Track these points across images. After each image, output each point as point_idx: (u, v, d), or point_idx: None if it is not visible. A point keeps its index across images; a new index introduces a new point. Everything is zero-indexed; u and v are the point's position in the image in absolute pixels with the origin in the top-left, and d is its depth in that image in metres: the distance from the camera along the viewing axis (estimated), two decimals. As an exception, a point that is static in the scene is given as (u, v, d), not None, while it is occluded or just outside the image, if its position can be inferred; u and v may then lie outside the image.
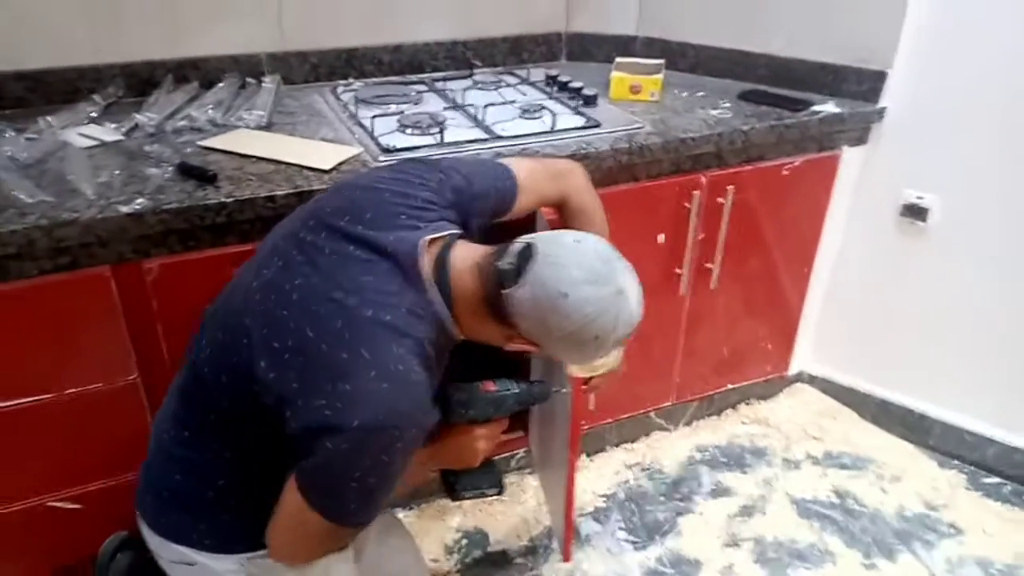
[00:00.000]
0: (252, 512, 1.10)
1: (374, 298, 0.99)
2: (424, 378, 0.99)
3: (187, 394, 1.12)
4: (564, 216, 1.32)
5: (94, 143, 1.50)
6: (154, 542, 1.17)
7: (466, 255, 1.06)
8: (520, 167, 1.25)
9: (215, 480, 1.10)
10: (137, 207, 1.26)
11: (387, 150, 1.51)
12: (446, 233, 1.08)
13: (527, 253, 0.99)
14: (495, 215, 1.22)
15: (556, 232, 1.07)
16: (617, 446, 2.07)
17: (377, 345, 0.96)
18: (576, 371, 1.22)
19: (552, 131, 1.63)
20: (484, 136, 1.60)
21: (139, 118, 1.58)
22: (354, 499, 1.00)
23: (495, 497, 1.37)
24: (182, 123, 1.60)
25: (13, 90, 1.66)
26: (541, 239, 1.02)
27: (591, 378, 1.35)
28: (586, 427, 1.92)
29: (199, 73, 1.80)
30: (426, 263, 1.03)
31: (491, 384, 1.23)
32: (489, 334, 1.07)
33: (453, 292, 1.04)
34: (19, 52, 1.64)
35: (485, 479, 1.32)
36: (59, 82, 1.69)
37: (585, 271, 0.98)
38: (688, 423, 2.16)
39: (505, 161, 1.26)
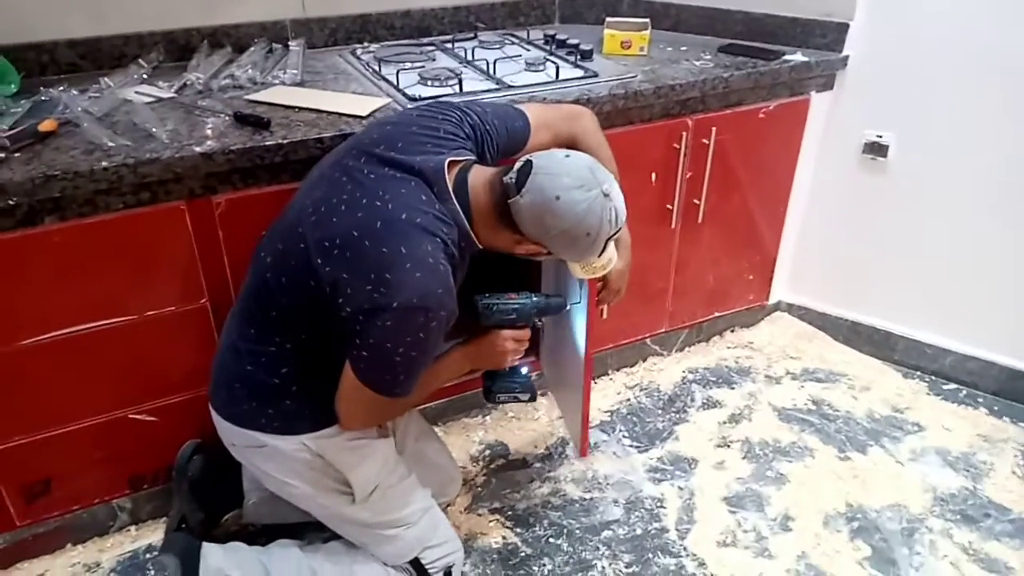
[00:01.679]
0: (311, 396, 1.31)
1: (408, 203, 1.19)
2: (448, 270, 1.20)
3: (252, 296, 1.31)
4: None
5: (151, 99, 1.68)
6: (228, 432, 1.37)
7: (481, 175, 1.27)
8: (533, 111, 1.46)
9: (279, 369, 1.30)
10: (208, 147, 1.45)
11: (413, 99, 1.70)
12: (465, 158, 1.29)
13: (527, 168, 1.20)
14: (509, 151, 1.41)
15: (551, 150, 1.27)
16: (618, 370, 2.30)
17: (412, 242, 1.17)
18: (579, 271, 1.41)
19: (556, 80, 1.84)
20: (496, 86, 1.79)
21: (188, 77, 1.76)
22: (400, 371, 1.21)
23: (527, 403, 1.54)
24: (225, 81, 1.78)
25: (66, 56, 1.83)
26: (538, 156, 1.23)
27: (604, 286, 1.56)
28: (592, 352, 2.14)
29: (231, 39, 1.98)
30: (449, 180, 1.24)
31: (514, 294, 1.45)
32: (502, 241, 1.28)
33: (471, 206, 1.25)
34: (69, 22, 1.81)
35: (519, 384, 1.53)
36: (108, 48, 1.86)
37: (574, 178, 1.18)
38: (680, 349, 2.39)
39: (520, 105, 1.47)
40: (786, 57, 2.05)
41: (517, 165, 1.22)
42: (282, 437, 1.34)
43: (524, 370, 1.54)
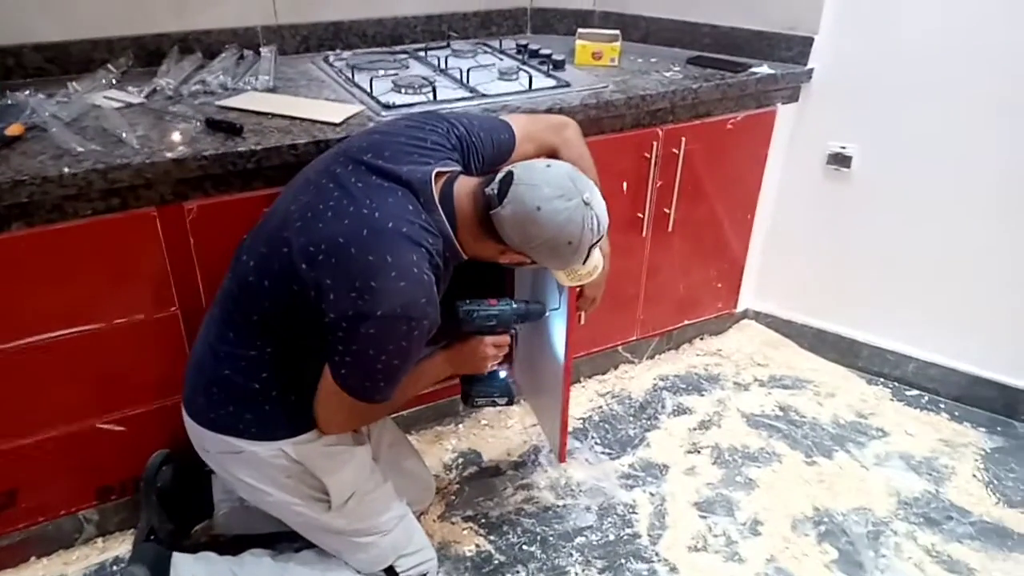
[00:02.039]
0: (290, 401, 1.31)
1: (395, 213, 1.20)
2: (433, 280, 1.21)
3: (232, 300, 1.30)
4: None
5: (121, 104, 1.66)
6: (203, 438, 1.36)
7: (465, 185, 1.28)
8: (518, 122, 1.47)
9: (259, 373, 1.29)
10: (180, 153, 1.43)
11: (387, 106, 1.71)
12: (451, 169, 1.30)
13: (507, 179, 1.22)
14: (495, 162, 1.43)
15: (532, 160, 1.29)
16: (590, 378, 2.31)
17: (397, 251, 1.18)
18: (565, 280, 1.43)
19: (529, 90, 1.85)
20: (470, 95, 1.80)
21: (158, 82, 1.75)
22: (380, 378, 1.22)
23: (505, 406, 1.56)
24: (196, 87, 1.77)
25: (33, 60, 1.80)
26: (519, 166, 1.24)
27: (580, 294, 1.58)
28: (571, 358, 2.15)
29: (202, 45, 1.97)
30: (435, 191, 1.25)
31: (494, 300, 1.46)
32: (486, 251, 1.30)
33: (456, 216, 1.26)
34: (36, 25, 1.79)
35: (497, 389, 1.55)
36: (76, 53, 1.84)
37: (554, 188, 1.20)
38: (651, 356, 2.42)
39: (505, 117, 1.48)
40: (753, 69, 2.09)
41: (499, 176, 1.23)
42: (260, 443, 1.33)
43: (502, 374, 1.55)
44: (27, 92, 1.64)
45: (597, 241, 1.26)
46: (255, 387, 1.30)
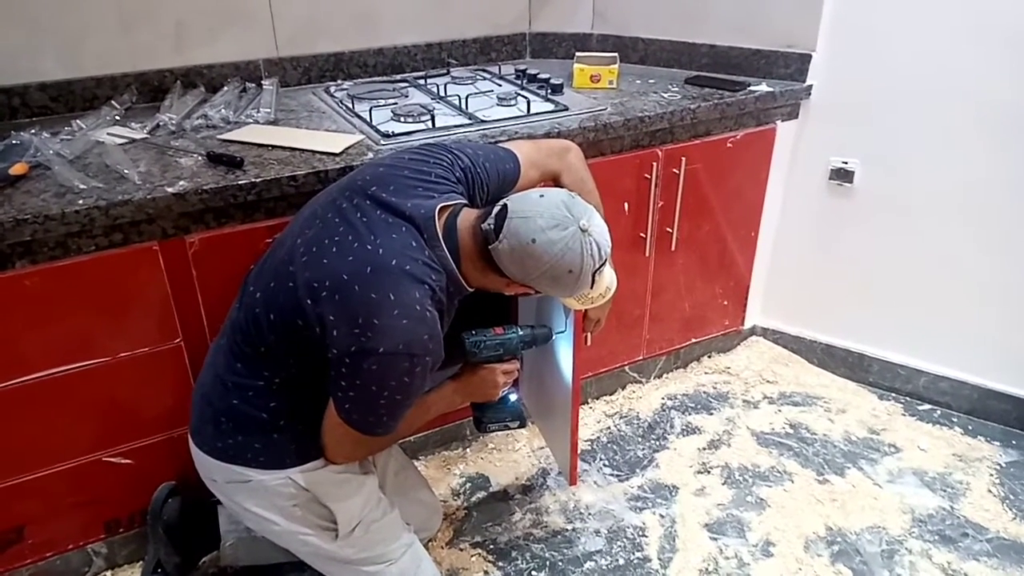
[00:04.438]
0: (299, 430, 1.31)
1: (399, 250, 1.21)
2: (436, 317, 1.21)
3: (240, 332, 1.31)
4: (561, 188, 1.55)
5: (124, 140, 1.69)
6: (210, 468, 1.36)
7: (467, 219, 1.28)
8: (523, 150, 1.48)
9: (267, 403, 1.30)
10: (181, 187, 1.45)
11: (386, 135, 1.72)
12: (455, 202, 1.31)
13: (502, 212, 1.21)
14: (499, 192, 1.42)
15: (525, 192, 1.28)
16: (597, 399, 2.30)
17: (400, 288, 1.18)
18: (576, 304, 1.42)
19: (527, 115, 1.87)
20: (469, 121, 1.82)
21: (161, 118, 1.77)
22: (383, 412, 1.22)
23: (517, 429, 1.57)
24: (198, 121, 1.79)
25: (38, 99, 1.84)
26: (512, 199, 1.24)
27: (585, 316, 1.58)
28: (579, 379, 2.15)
29: (204, 79, 1.99)
30: (439, 226, 1.25)
31: (500, 329, 1.46)
32: (491, 283, 1.30)
33: (460, 250, 1.26)
34: (40, 65, 1.82)
35: (508, 413, 1.55)
36: (80, 90, 1.87)
37: (547, 219, 1.19)
38: (658, 376, 2.40)
39: (509, 145, 1.48)
40: (751, 88, 2.10)
41: (494, 210, 1.23)
42: (268, 472, 1.33)
43: (512, 398, 1.55)
44: (32, 131, 1.66)
45: (600, 266, 1.25)
46: (263, 417, 1.30)
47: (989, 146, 1.96)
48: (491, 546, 1.80)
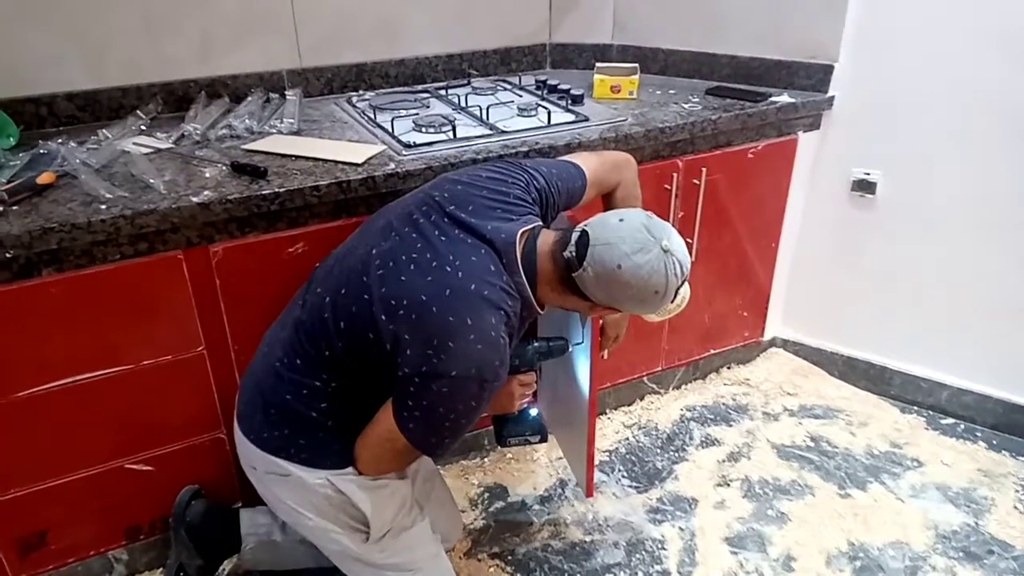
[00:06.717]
0: (344, 435, 1.32)
1: (478, 275, 1.21)
2: (507, 342, 1.22)
3: (305, 331, 1.30)
4: (610, 200, 1.57)
5: (149, 150, 1.71)
6: (253, 456, 1.35)
7: (546, 242, 1.29)
8: (589, 164, 1.49)
9: (319, 404, 1.30)
10: (205, 197, 1.46)
11: (408, 146, 1.73)
12: (534, 225, 1.31)
13: (584, 240, 1.22)
14: (566, 207, 1.47)
15: (602, 216, 1.28)
16: (616, 409, 2.29)
17: (477, 314, 1.18)
18: (654, 318, 1.47)
19: (548, 126, 1.87)
20: (489, 132, 1.82)
21: (186, 128, 1.79)
22: (446, 434, 1.23)
23: (538, 443, 1.57)
24: (223, 131, 1.80)
25: (65, 109, 1.86)
26: (592, 225, 1.24)
27: (602, 332, 1.60)
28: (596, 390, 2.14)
29: (228, 89, 2.01)
30: (518, 251, 1.26)
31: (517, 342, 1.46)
32: (574, 305, 1.32)
33: (539, 274, 1.27)
34: (68, 75, 1.84)
35: (529, 427, 1.55)
36: (106, 100, 1.89)
37: (631, 243, 1.19)
38: (677, 387, 2.39)
39: (576, 159, 1.50)
40: (773, 99, 2.09)
41: (574, 237, 1.23)
42: (308, 469, 1.32)
43: (533, 412, 1.55)
44: (59, 140, 1.68)
45: (683, 282, 1.25)
46: (312, 415, 1.30)
47: (1014, 156, 1.94)
48: (509, 557, 1.79)
